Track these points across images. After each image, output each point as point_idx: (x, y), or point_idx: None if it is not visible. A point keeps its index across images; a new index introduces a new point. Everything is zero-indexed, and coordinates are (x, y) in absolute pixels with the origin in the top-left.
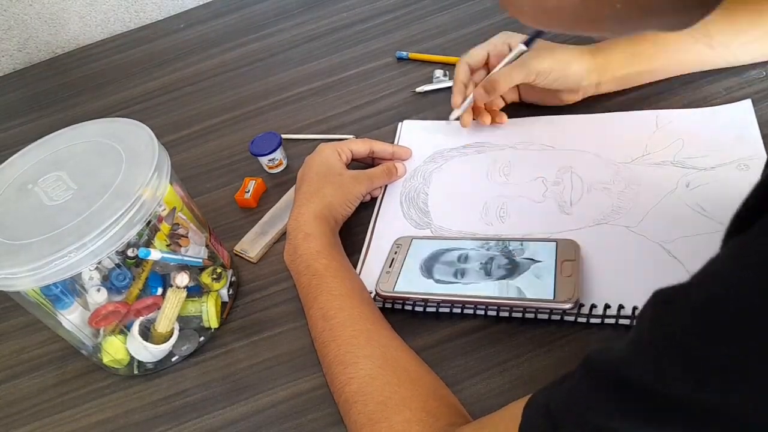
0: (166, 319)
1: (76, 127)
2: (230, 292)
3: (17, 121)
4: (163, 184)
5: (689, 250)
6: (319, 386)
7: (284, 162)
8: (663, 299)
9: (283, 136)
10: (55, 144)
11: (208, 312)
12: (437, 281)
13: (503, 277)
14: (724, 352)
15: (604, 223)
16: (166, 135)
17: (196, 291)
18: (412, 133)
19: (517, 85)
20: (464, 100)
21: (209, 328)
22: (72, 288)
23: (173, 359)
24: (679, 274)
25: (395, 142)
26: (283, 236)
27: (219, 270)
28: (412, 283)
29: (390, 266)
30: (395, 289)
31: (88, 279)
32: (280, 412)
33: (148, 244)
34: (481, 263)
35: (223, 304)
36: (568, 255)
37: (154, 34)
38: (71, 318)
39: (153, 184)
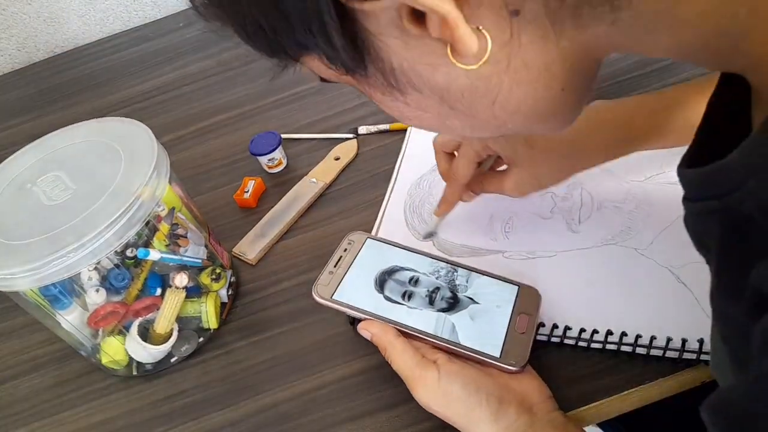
0: (165, 320)
1: (75, 127)
2: (229, 293)
3: (16, 120)
4: (162, 184)
5: (698, 276)
6: (319, 387)
7: (284, 161)
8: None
9: (283, 135)
10: (53, 144)
11: (208, 312)
12: (386, 298)
13: (443, 310)
14: None
15: (613, 244)
16: (165, 134)
17: (195, 291)
18: (421, 138)
19: None
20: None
21: (208, 329)
22: (71, 288)
23: (172, 360)
24: (686, 300)
25: (403, 147)
26: (282, 237)
27: (218, 270)
28: (357, 294)
29: (335, 266)
30: (334, 297)
31: (87, 279)
32: (280, 412)
33: (147, 244)
34: (428, 290)
35: (223, 304)
36: (527, 308)
37: (153, 33)
38: (70, 318)
39: (152, 183)
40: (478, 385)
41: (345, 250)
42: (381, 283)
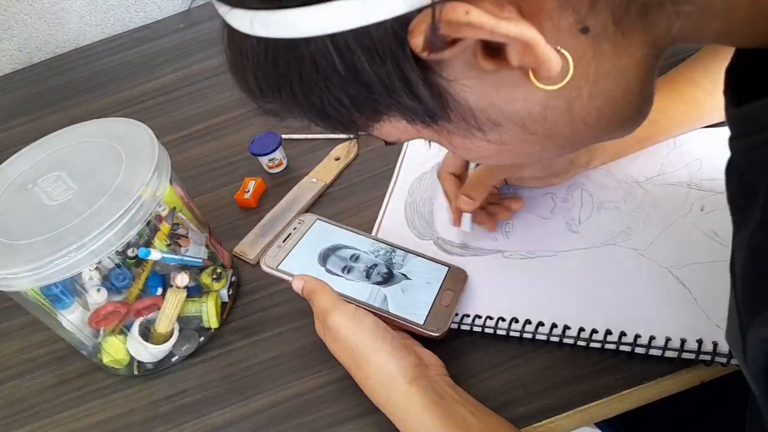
0: (166, 319)
1: (76, 127)
2: (230, 292)
3: (17, 121)
4: (163, 184)
5: (698, 277)
6: (319, 386)
7: (284, 162)
8: None
9: (283, 136)
10: (55, 144)
11: (208, 312)
12: (327, 270)
13: (378, 284)
14: None
15: (612, 244)
16: (166, 135)
17: (196, 291)
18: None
19: None
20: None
21: (209, 329)
22: (72, 288)
23: (173, 359)
24: (685, 300)
25: (404, 147)
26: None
27: (219, 270)
28: (301, 265)
29: (283, 241)
30: (279, 267)
31: (88, 279)
32: (280, 412)
33: (148, 244)
34: (366, 266)
35: (223, 304)
36: (454, 285)
37: (154, 33)
38: (71, 318)
39: (153, 184)
40: (387, 327)
41: (294, 228)
42: (324, 257)
